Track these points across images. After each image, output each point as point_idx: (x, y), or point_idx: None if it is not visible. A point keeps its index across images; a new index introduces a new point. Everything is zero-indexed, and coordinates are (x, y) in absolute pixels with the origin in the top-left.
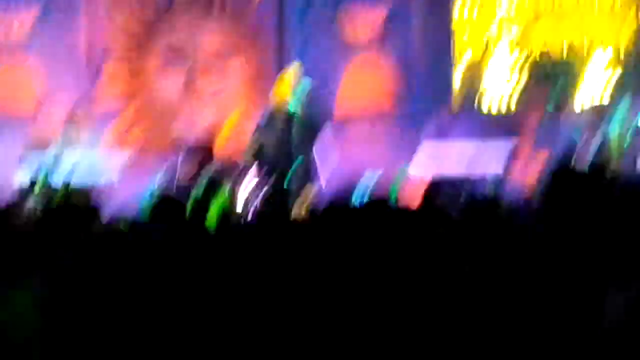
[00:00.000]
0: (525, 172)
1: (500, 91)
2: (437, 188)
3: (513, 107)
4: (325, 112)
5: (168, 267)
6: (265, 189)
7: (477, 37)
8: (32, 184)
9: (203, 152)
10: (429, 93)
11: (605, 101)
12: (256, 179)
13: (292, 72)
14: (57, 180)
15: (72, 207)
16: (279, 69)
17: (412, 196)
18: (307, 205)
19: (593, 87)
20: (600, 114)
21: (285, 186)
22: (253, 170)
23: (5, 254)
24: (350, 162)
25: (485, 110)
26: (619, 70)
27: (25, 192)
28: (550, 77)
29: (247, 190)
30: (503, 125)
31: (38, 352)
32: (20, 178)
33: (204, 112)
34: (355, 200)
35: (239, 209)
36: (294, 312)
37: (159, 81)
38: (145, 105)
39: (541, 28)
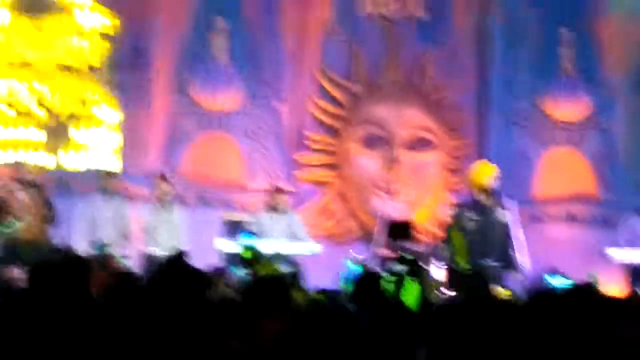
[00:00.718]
0: None
1: None
2: None
3: None
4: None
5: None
6: (461, 269)
7: None
8: (237, 252)
9: (401, 229)
10: (629, 180)
11: None
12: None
13: (488, 163)
14: (262, 249)
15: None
16: (475, 159)
17: (617, 283)
18: (507, 290)
19: None
20: None
21: (484, 268)
22: (448, 251)
23: (208, 321)
24: (549, 248)
25: None
26: None
27: (230, 260)
28: None
29: (443, 271)
30: None
31: None
32: (225, 245)
33: (403, 191)
34: (556, 286)
35: (436, 289)
36: None
37: (360, 158)
38: (346, 180)
39: None
